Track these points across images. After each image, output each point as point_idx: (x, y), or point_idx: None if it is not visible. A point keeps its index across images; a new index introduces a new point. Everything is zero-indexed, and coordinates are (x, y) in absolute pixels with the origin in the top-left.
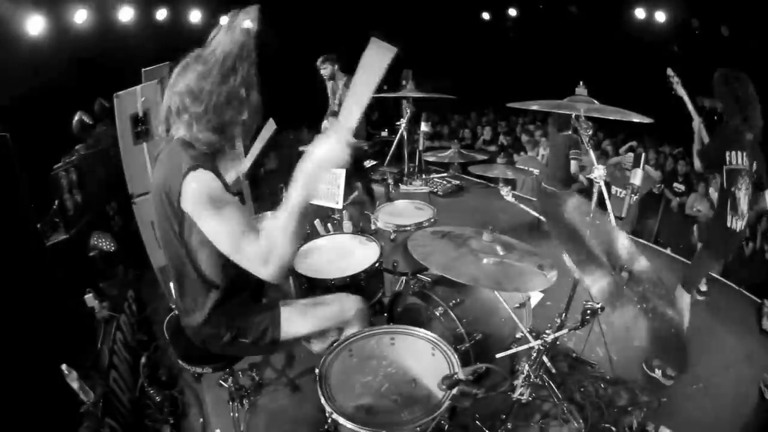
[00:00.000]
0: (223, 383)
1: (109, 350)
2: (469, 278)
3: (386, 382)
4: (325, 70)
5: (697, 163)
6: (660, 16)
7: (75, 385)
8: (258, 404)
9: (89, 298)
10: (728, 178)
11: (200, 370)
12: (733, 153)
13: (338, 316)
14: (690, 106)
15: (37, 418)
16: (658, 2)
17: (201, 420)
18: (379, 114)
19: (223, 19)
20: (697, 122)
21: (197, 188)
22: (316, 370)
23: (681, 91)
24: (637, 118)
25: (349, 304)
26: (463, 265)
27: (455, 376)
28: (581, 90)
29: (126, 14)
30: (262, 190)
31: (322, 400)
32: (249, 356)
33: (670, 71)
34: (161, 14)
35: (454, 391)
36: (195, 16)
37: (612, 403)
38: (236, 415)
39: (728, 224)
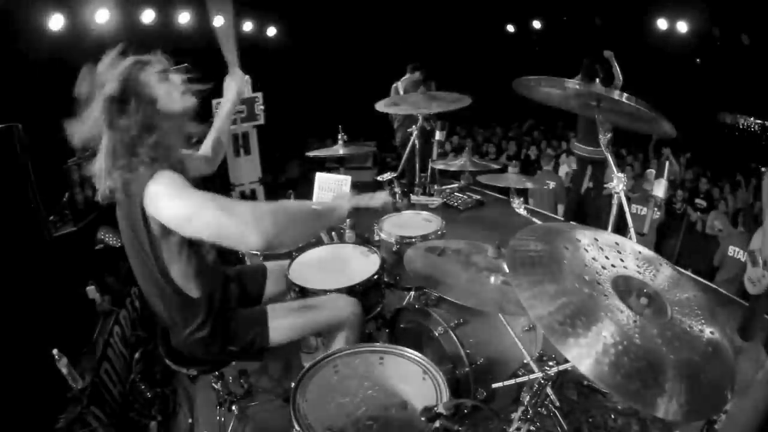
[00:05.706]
0: (215, 386)
1: (104, 342)
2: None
3: (364, 405)
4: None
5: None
6: (682, 27)
7: (64, 370)
8: (248, 411)
9: (91, 290)
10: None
11: (185, 371)
12: None
13: (330, 319)
14: None
15: (25, 398)
16: (680, 13)
17: (190, 420)
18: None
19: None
20: None
21: (160, 185)
22: (292, 384)
23: None
24: (667, 124)
25: (341, 304)
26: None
27: (435, 409)
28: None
29: (148, 16)
30: (278, 198)
31: (292, 418)
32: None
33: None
34: (183, 17)
35: (436, 424)
36: (218, 21)
37: None
38: (222, 419)
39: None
